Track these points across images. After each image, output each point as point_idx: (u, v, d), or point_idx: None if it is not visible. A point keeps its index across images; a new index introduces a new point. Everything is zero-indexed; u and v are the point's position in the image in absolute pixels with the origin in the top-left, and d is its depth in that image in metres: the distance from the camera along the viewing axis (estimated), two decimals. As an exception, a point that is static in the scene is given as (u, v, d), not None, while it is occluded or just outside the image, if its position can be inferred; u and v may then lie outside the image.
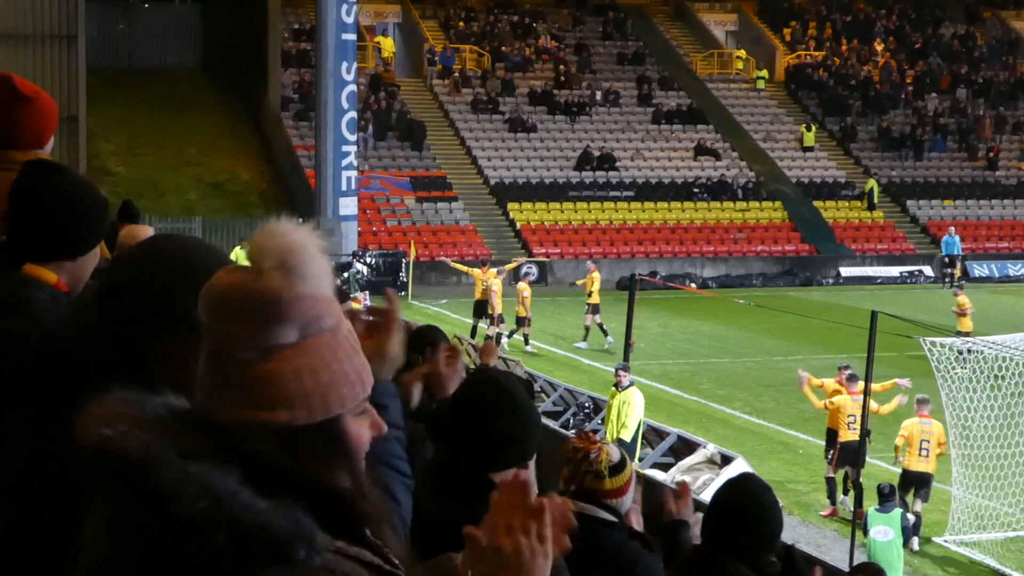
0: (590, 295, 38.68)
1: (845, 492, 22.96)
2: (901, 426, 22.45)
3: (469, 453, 4.06)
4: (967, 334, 32.30)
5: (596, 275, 39.44)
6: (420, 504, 3.99)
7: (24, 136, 4.35)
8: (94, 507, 2.35)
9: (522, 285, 38.65)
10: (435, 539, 3.89)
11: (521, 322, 38.22)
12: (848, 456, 22.16)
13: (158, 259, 3.22)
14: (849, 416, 22.45)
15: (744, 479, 6.20)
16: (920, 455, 21.97)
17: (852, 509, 20.93)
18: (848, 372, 23.35)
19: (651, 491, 13.76)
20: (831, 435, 23.26)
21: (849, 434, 22.32)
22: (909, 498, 21.94)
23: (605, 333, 37.99)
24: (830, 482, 23.03)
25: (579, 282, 38.55)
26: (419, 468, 4.59)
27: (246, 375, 2.39)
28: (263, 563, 2.20)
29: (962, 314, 36.05)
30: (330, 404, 2.47)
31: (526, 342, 38.22)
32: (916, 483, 22.01)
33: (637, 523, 5.84)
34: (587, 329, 38.52)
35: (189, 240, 3.35)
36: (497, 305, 37.81)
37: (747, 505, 5.62)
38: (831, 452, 23.04)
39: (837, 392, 23.19)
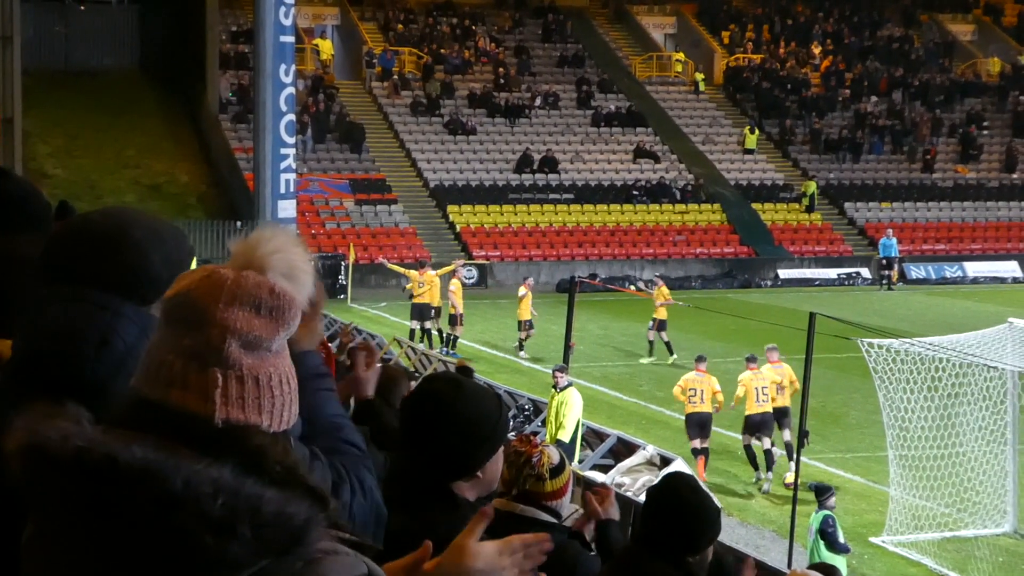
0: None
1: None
2: (738, 380, 25.77)
3: (423, 463, 4.04)
4: (663, 322, 37.58)
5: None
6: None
7: None
8: (44, 525, 2.29)
9: (522, 290, 38.58)
10: (396, 548, 3.87)
11: (522, 326, 38.23)
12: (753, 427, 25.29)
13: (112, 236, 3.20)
14: (760, 389, 25.47)
15: (670, 479, 6.21)
16: (758, 402, 25.28)
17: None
18: (750, 355, 26.47)
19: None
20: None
21: (757, 407, 25.30)
22: (757, 447, 25.20)
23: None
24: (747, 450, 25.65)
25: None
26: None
27: (238, 372, 2.38)
28: (282, 550, 2.20)
29: (664, 304, 37.85)
30: (289, 417, 2.47)
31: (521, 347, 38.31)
32: (760, 425, 25.18)
33: (589, 531, 5.86)
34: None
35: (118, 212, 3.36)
36: (459, 305, 37.82)
37: (671, 504, 5.66)
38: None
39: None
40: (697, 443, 25.51)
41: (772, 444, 25.20)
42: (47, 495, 2.25)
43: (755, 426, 25.44)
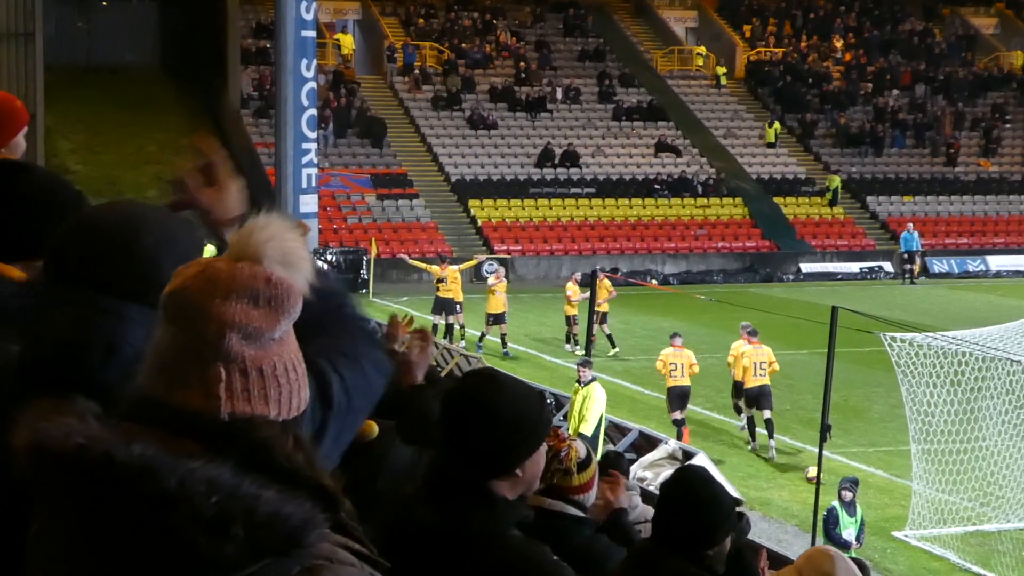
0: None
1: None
2: (739, 354, 27.65)
3: (459, 460, 3.99)
4: (604, 315, 37.55)
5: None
6: (415, 511, 3.94)
7: None
8: (48, 521, 2.29)
9: (570, 285, 38.53)
10: (431, 545, 3.85)
11: (570, 320, 38.20)
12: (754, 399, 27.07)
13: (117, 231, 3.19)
14: (757, 364, 27.21)
15: (682, 472, 6.20)
16: (755, 375, 27.03)
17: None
18: (749, 329, 28.04)
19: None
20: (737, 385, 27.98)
21: (754, 380, 27.02)
22: (757, 414, 27.09)
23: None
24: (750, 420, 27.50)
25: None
26: (394, 470, 4.53)
27: (240, 365, 2.37)
28: (277, 552, 2.18)
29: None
30: (299, 403, 2.46)
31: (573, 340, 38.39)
32: (758, 397, 26.94)
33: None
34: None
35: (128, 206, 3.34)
36: (502, 301, 37.66)
37: (685, 498, 5.62)
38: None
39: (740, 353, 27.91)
40: (678, 414, 27.29)
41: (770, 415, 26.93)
42: (50, 492, 2.26)
43: (753, 398, 27.13)
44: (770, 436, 26.59)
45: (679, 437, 26.06)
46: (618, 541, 5.74)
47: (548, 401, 27.36)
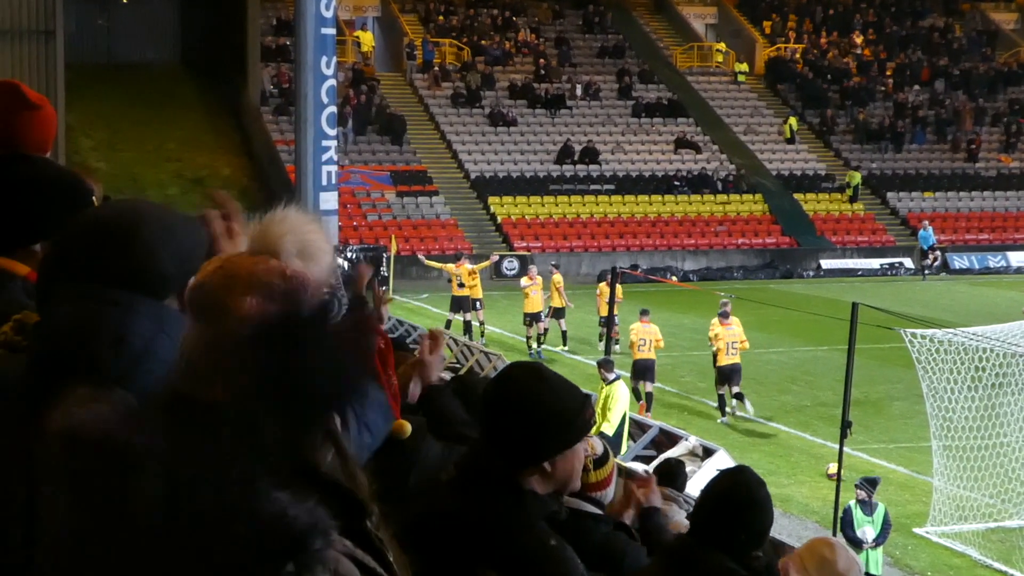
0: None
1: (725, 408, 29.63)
2: (714, 335, 29.94)
3: (491, 450, 3.99)
4: (560, 309, 38.54)
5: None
6: (444, 498, 3.95)
7: (28, 143, 4.30)
8: (72, 500, 2.31)
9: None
10: (452, 530, 3.86)
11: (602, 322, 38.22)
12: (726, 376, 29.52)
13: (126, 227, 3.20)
14: (730, 343, 29.53)
15: (739, 472, 6.13)
16: (729, 353, 29.46)
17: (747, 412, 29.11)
18: (722, 310, 30.37)
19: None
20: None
21: (727, 359, 29.44)
22: (727, 393, 29.57)
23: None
24: (720, 398, 29.86)
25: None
26: (425, 466, 4.54)
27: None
28: (279, 554, 2.16)
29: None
30: None
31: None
32: (730, 374, 29.46)
33: (629, 518, 5.83)
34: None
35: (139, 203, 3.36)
36: (541, 303, 37.59)
37: (741, 498, 5.54)
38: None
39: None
40: (648, 386, 29.80)
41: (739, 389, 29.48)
42: (75, 476, 2.27)
43: (726, 376, 29.46)
44: (739, 402, 29.43)
45: (649, 409, 29.08)
46: (649, 541, 5.72)
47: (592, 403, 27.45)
